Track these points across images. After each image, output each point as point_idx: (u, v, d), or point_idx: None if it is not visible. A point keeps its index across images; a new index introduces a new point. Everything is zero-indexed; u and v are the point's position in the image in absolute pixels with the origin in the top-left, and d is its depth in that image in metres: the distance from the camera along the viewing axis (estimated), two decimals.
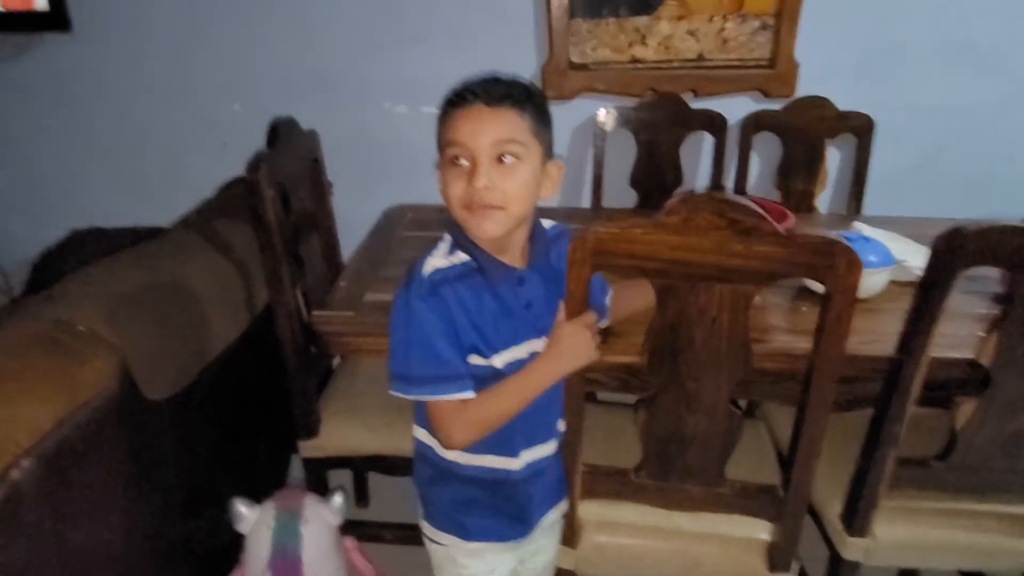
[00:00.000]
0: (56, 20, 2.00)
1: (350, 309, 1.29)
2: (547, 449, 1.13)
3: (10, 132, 2.25)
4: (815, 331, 1.01)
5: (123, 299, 1.11)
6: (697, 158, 2.17)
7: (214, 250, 1.40)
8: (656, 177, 2.12)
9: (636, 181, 2.13)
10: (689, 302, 1.01)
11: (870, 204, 2.08)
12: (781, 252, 0.94)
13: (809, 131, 2.07)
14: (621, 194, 2.12)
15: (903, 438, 1.13)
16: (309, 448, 1.50)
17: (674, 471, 1.16)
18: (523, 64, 2.06)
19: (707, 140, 2.11)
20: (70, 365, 0.99)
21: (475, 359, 1.01)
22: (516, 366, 1.03)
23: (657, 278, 1.01)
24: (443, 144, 0.98)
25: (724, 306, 1.00)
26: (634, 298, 1.16)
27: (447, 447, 1.05)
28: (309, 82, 2.14)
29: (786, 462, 1.15)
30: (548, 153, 1.02)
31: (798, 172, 2.12)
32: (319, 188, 1.65)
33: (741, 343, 1.03)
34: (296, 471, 1.56)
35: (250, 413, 1.51)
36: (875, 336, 1.21)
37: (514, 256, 1.04)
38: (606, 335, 1.18)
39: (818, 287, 1.00)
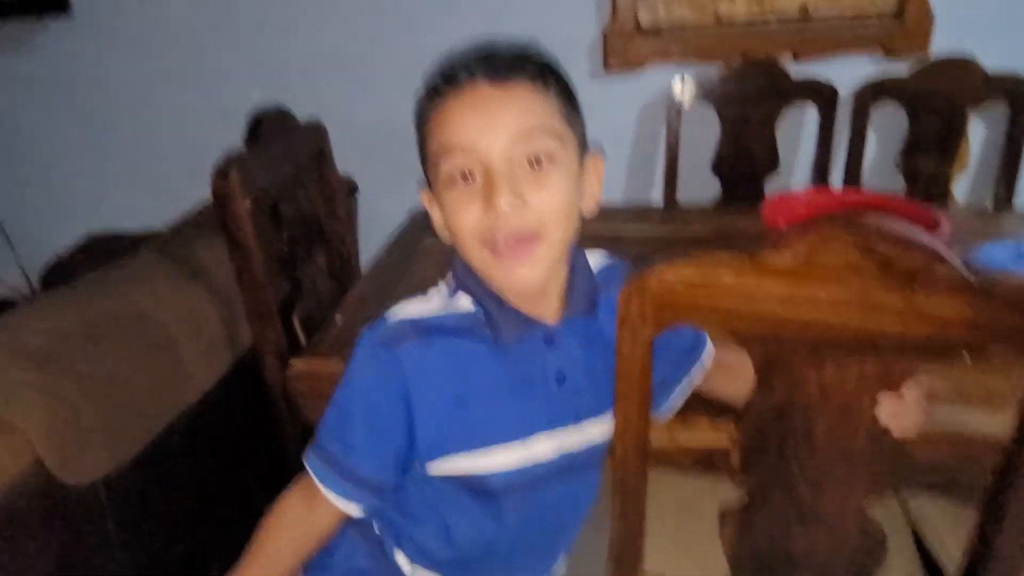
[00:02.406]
0: (53, 2, 1.78)
1: (340, 355, 0.99)
2: None
3: (23, 128, 2.09)
4: (1018, 418, 0.65)
5: (34, 359, 0.85)
6: (797, 137, 1.77)
7: (187, 277, 1.13)
8: (745, 162, 1.74)
9: (720, 167, 1.75)
10: (808, 380, 0.66)
11: None
12: (971, 310, 0.58)
13: (947, 99, 1.64)
14: (701, 184, 1.74)
15: None
16: None
17: None
18: (581, 30, 1.72)
19: (810, 114, 1.71)
20: None
21: (444, 466, 0.71)
22: (518, 477, 0.72)
23: (757, 344, 0.66)
24: (432, 155, 0.67)
25: (865, 387, 0.65)
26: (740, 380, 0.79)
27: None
28: (333, 63, 1.86)
29: None
30: (583, 145, 0.69)
31: (930, 151, 1.69)
32: (327, 191, 1.36)
33: (891, 442, 0.67)
34: None
35: (233, 474, 1.25)
36: None
37: (549, 305, 0.73)
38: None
39: None
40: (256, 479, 1.22)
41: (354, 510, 0.74)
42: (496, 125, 0.63)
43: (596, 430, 0.76)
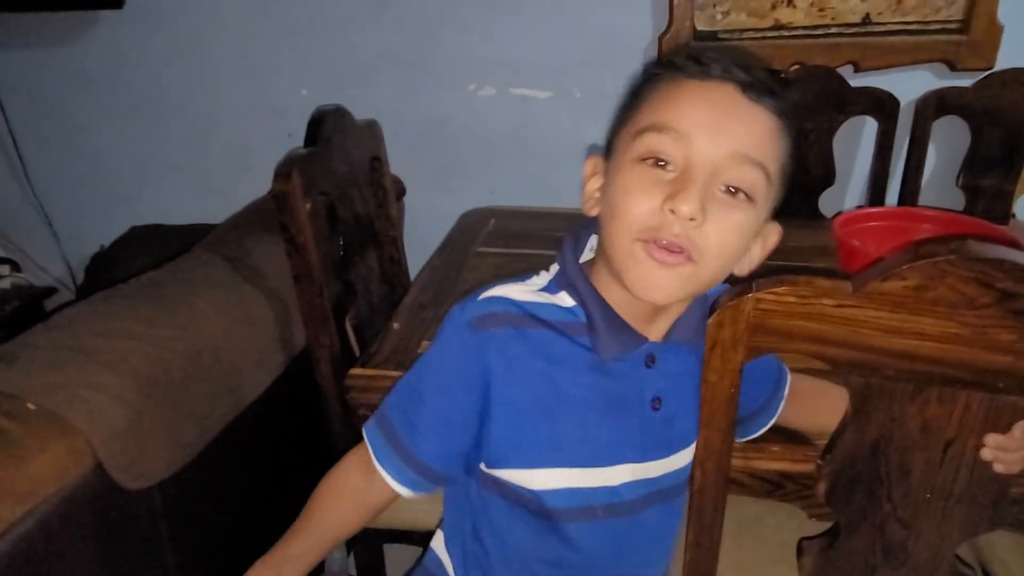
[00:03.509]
0: None
1: (398, 367, 0.97)
2: None
3: (71, 120, 2.09)
4: None
5: (96, 360, 0.84)
6: (854, 149, 1.72)
7: (243, 279, 1.12)
8: (800, 173, 1.63)
9: None
10: (909, 414, 0.63)
11: None
12: None
13: (1012, 114, 1.59)
14: None
15: None
16: None
17: None
18: (636, 35, 1.68)
19: (869, 127, 1.67)
20: (11, 460, 0.73)
21: (509, 475, 0.68)
22: (578, 498, 0.67)
23: (856, 374, 0.63)
24: (640, 123, 0.61)
25: (970, 425, 0.62)
26: (823, 411, 0.75)
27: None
28: (383, 62, 1.84)
29: None
30: (774, 207, 0.64)
31: (992, 168, 1.64)
32: (380, 193, 1.34)
33: (993, 481, 0.64)
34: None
35: (283, 477, 1.23)
36: None
37: (657, 329, 0.68)
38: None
39: None
40: (308, 482, 1.21)
41: (406, 492, 0.71)
42: (726, 131, 0.58)
43: (685, 457, 0.72)
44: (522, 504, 0.69)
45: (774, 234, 0.66)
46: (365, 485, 0.71)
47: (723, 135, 0.58)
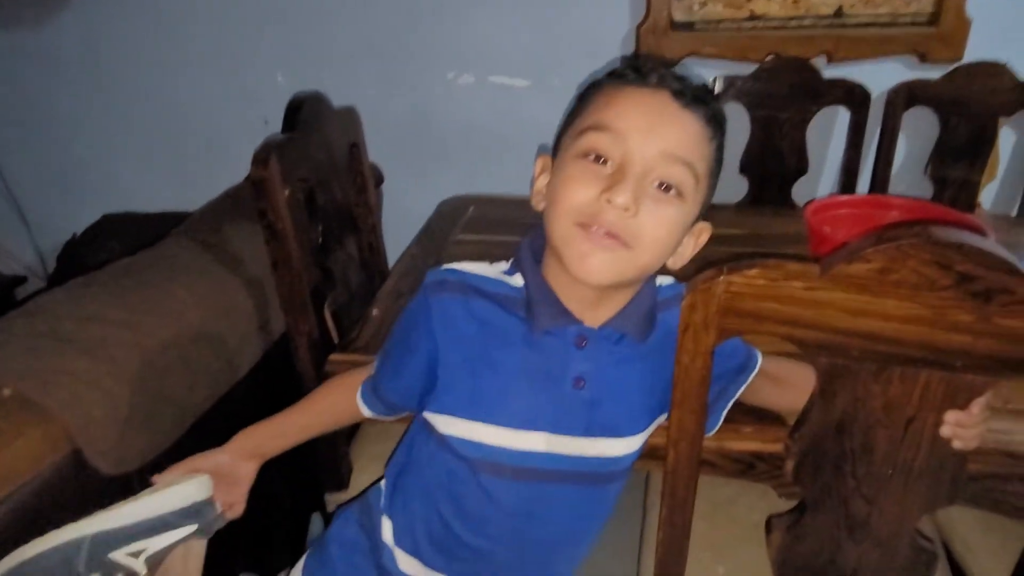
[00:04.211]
0: None
1: (376, 350, 0.98)
2: None
3: (42, 105, 2.05)
4: None
5: (73, 346, 0.83)
6: (827, 139, 1.76)
7: (221, 265, 1.11)
8: (774, 162, 1.72)
9: (748, 167, 1.73)
10: (872, 393, 0.65)
11: None
12: None
13: (978, 105, 1.62)
14: (729, 183, 1.72)
15: None
16: (338, 503, 1.22)
17: None
18: (614, 24, 1.69)
19: (842, 117, 1.70)
20: None
21: (432, 417, 0.76)
22: (490, 454, 0.73)
23: (823, 355, 0.65)
24: (582, 124, 0.68)
25: (930, 403, 0.64)
26: (801, 392, 0.76)
27: None
28: (359, 49, 1.83)
29: None
30: (704, 207, 0.71)
31: (959, 158, 1.68)
32: (359, 179, 1.34)
33: (951, 457, 0.66)
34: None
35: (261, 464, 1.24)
36: None
37: (597, 315, 0.72)
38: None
39: None
40: (287, 469, 1.22)
41: (367, 412, 0.84)
42: (658, 133, 0.64)
43: (612, 447, 0.76)
44: (445, 448, 0.76)
45: (705, 232, 0.73)
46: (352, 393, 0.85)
47: (655, 136, 0.64)
